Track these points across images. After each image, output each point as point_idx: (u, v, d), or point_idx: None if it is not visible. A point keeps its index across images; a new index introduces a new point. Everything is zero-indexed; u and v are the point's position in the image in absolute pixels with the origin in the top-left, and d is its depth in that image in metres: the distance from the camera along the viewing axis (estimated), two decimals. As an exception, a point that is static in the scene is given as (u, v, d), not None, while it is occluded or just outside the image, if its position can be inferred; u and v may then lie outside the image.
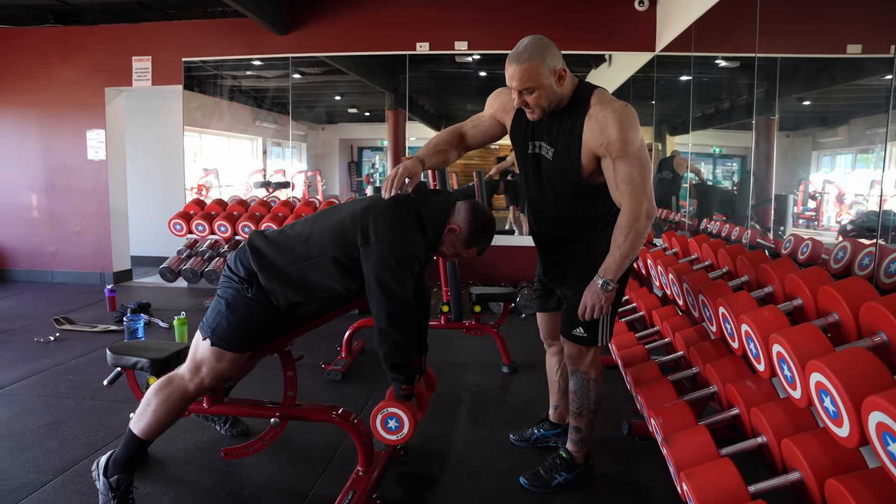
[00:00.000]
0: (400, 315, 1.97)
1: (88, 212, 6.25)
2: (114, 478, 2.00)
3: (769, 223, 3.65)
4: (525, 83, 1.91)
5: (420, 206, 2.08)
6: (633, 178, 1.89)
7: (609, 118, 1.90)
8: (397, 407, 2.05)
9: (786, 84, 3.35)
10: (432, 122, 6.22)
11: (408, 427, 2.06)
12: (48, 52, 6.14)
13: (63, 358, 3.78)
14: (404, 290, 1.96)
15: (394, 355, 2.02)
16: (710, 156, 4.99)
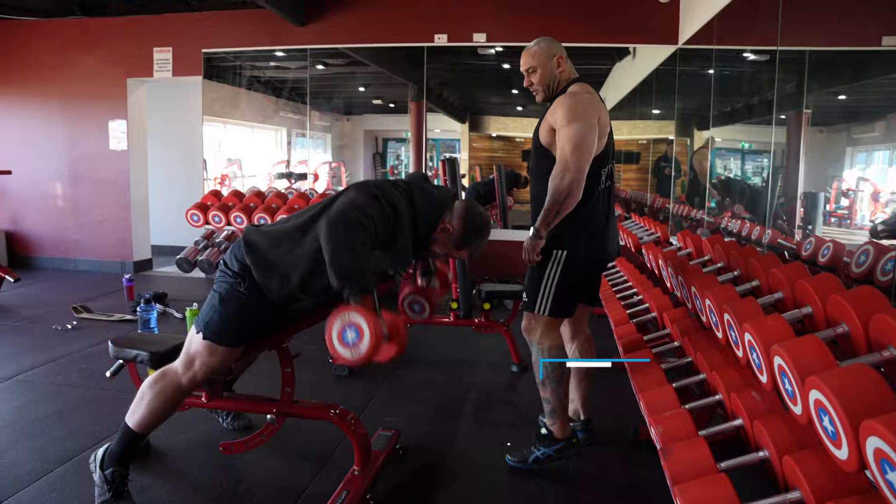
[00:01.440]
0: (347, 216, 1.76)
1: (110, 201, 6.33)
2: (109, 470, 2.01)
3: (796, 221, 3.54)
4: (529, 63, 2.37)
5: (414, 197, 2.01)
6: (563, 147, 2.19)
7: (564, 99, 2.26)
8: (359, 314, 1.65)
9: (815, 78, 3.24)
10: (457, 114, 6.18)
11: (367, 338, 1.64)
12: (72, 43, 6.22)
13: (78, 346, 3.83)
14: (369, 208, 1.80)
15: (339, 255, 1.73)
16: (739, 151, 4.87)
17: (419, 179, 2.09)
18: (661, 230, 4.07)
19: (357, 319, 1.65)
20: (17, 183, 6.37)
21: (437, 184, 2.35)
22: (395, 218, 1.90)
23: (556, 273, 2.30)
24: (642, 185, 5.93)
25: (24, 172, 6.29)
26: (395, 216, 1.90)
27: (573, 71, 2.42)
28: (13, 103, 6.48)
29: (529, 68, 2.37)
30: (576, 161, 2.16)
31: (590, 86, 2.36)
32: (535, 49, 2.36)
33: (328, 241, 1.74)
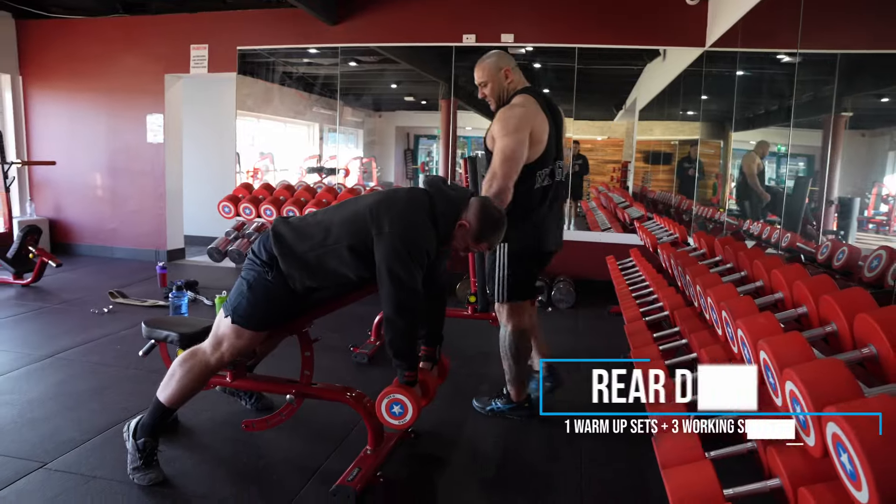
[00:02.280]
0: (406, 304, 2.06)
1: (146, 192, 6.58)
2: (140, 440, 2.17)
3: (826, 226, 3.53)
4: (481, 78, 2.68)
5: (434, 200, 2.15)
6: (495, 157, 2.52)
7: (503, 113, 2.58)
8: (402, 393, 2.15)
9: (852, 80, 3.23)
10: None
11: (411, 413, 2.15)
12: (114, 41, 6.47)
13: (113, 329, 4.04)
14: (412, 279, 2.04)
15: (398, 342, 2.12)
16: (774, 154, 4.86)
17: (437, 183, 2.21)
18: (680, 231, 4.12)
19: (402, 398, 2.15)
20: (60, 174, 6.66)
21: (454, 185, 2.46)
22: (429, 258, 2.14)
23: (504, 264, 2.69)
24: (671, 187, 5.94)
25: (67, 164, 6.57)
26: (430, 257, 2.14)
27: (522, 80, 2.73)
28: (61, 98, 6.77)
29: (481, 82, 2.68)
30: (503, 172, 2.49)
31: (534, 95, 2.66)
32: (486, 63, 2.67)
33: (389, 324, 2.10)
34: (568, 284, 5.26)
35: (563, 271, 5.60)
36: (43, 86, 6.78)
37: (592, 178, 6.02)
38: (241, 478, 2.28)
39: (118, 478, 2.19)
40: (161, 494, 2.13)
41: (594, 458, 2.49)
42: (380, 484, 2.22)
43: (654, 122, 5.91)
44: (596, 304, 5.13)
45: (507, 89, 2.68)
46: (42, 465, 2.26)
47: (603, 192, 6.10)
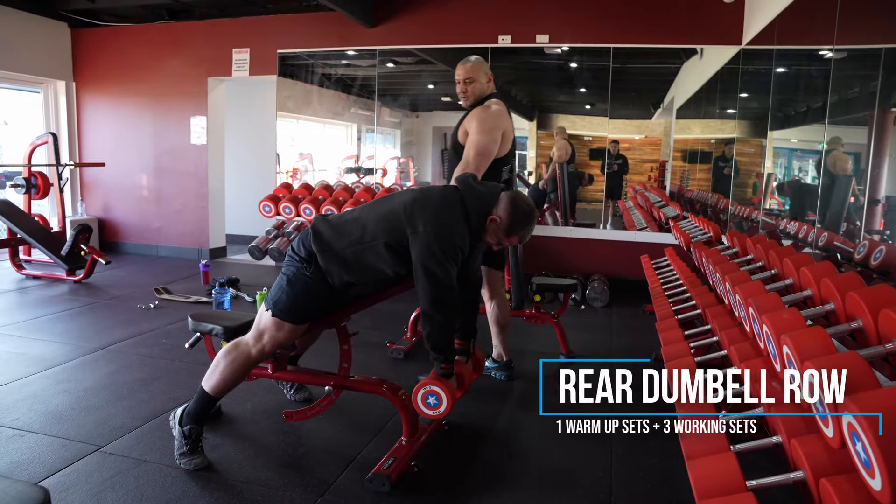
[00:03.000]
0: (443, 299, 2.14)
1: (189, 192, 6.80)
2: (187, 427, 2.29)
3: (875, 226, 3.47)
4: (469, 75, 2.97)
5: (465, 197, 2.22)
6: (469, 151, 2.86)
7: (480, 113, 2.92)
8: (437, 385, 2.24)
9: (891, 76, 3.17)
10: (525, 112, 6.28)
11: (446, 404, 2.24)
12: (160, 46, 6.71)
13: (159, 324, 4.21)
14: (447, 275, 2.12)
15: (435, 336, 2.20)
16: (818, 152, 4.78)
17: (468, 181, 2.28)
18: (714, 230, 4.10)
19: (437, 390, 2.24)
20: (109, 175, 6.94)
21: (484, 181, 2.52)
22: (463, 255, 2.22)
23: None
24: (709, 186, 5.89)
25: (115, 165, 6.84)
26: (463, 254, 2.22)
27: (493, 87, 3.10)
28: (110, 102, 7.05)
29: (468, 79, 2.97)
30: (475, 164, 2.83)
31: (502, 101, 3.03)
32: (475, 64, 2.99)
33: (427, 319, 2.19)
34: (602, 283, 5.27)
35: (598, 270, 5.61)
36: (94, 91, 7.07)
37: (630, 177, 6.00)
38: (282, 464, 2.38)
39: (166, 462, 2.32)
40: (206, 479, 2.24)
41: (623, 453, 2.53)
42: (414, 473, 2.29)
43: (691, 120, 5.86)
44: (630, 302, 5.13)
45: (484, 91, 3.01)
46: (98, 449, 2.41)
47: (640, 191, 6.08)
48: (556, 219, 6.08)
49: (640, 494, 2.28)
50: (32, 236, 5.36)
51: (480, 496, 2.23)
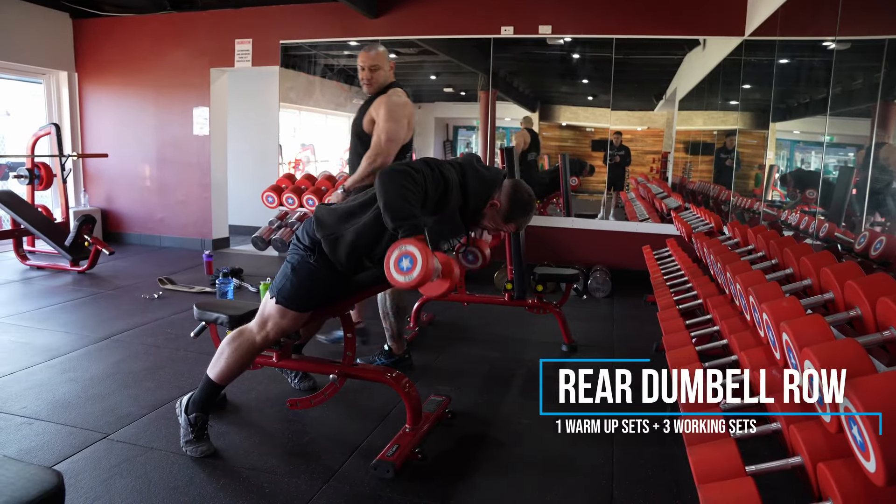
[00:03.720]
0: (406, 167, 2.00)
1: (192, 183, 6.82)
2: (192, 415, 2.32)
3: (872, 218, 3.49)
4: (375, 62, 3.07)
5: (467, 176, 2.20)
6: (380, 136, 3.01)
7: (387, 100, 3.04)
8: (410, 244, 1.88)
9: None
10: (527, 103, 6.27)
11: (420, 266, 1.86)
12: (163, 37, 6.71)
13: (163, 313, 4.24)
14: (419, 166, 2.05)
15: (393, 202, 1.95)
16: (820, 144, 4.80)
17: (471, 160, 2.29)
18: (715, 220, 4.12)
19: (411, 249, 1.87)
20: (112, 165, 6.96)
21: (488, 166, 2.53)
22: (445, 184, 2.10)
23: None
24: (711, 177, 5.89)
25: (118, 156, 6.86)
26: (445, 183, 2.10)
27: (393, 76, 3.22)
28: (112, 93, 7.06)
29: (373, 66, 3.06)
30: (387, 150, 3.01)
31: (404, 89, 3.20)
32: (381, 52, 3.09)
33: (381, 187, 1.98)
34: (604, 274, 5.29)
35: (600, 260, 5.63)
36: (96, 81, 7.08)
37: (632, 168, 6.01)
38: (287, 452, 2.41)
39: (173, 449, 2.35)
40: (212, 465, 2.27)
41: (624, 440, 2.55)
42: (418, 460, 2.32)
43: (694, 112, 5.85)
44: (632, 293, 5.16)
45: (387, 79, 3.14)
46: (105, 437, 2.43)
47: (642, 182, 6.09)
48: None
49: (641, 480, 2.31)
50: (36, 227, 5.38)
51: (484, 482, 2.25)
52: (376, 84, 3.11)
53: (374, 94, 3.13)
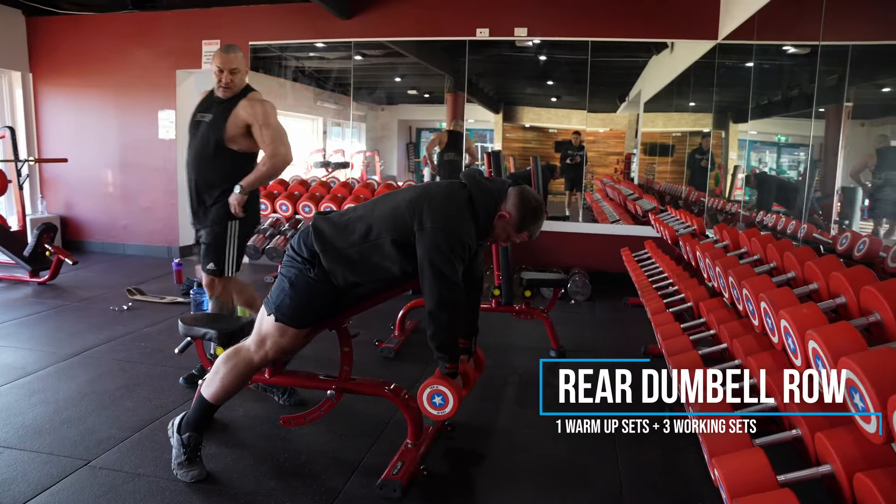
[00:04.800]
0: (449, 298, 2.08)
1: (158, 188, 6.57)
2: (185, 435, 2.19)
3: (833, 217, 3.56)
4: (235, 65, 2.93)
5: (472, 193, 2.16)
6: (274, 139, 2.93)
7: (260, 103, 2.96)
8: (443, 384, 2.16)
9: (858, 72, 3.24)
10: (491, 104, 6.25)
11: (452, 404, 2.17)
12: (125, 37, 6.45)
13: (135, 326, 4.05)
14: (454, 273, 2.06)
15: (440, 335, 2.13)
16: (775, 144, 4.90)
17: (474, 176, 2.22)
18: (698, 223, 4.14)
19: (444, 390, 2.17)
20: (71, 170, 6.62)
21: (492, 178, 2.47)
22: (470, 251, 2.15)
23: (234, 241, 3.01)
24: (676, 178, 5.96)
25: (78, 160, 6.52)
26: (470, 251, 2.15)
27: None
28: (71, 95, 6.74)
29: (234, 68, 2.92)
30: (286, 151, 2.97)
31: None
32: (239, 55, 2.97)
33: (432, 318, 2.11)
34: (583, 277, 5.28)
35: (577, 263, 5.63)
36: (53, 83, 6.75)
37: (595, 170, 6.03)
38: (284, 473, 2.30)
39: (162, 475, 2.21)
40: (206, 491, 2.15)
41: (627, 445, 2.52)
42: (424, 476, 2.24)
43: (660, 114, 5.91)
44: (612, 295, 5.16)
45: (244, 82, 3.04)
46: (86, 463, 2.28)
47: (609, 184, 6.12)
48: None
49: (650, 485, 2.28)
50: (-9, 236, 5.11)
51: (494, 496, 2.20)
52: (235, 87, 2.96)
53: (229, 98, 2.96)
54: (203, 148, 2.97)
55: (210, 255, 3.02)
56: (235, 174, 2.96)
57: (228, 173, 2.97)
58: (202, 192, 3.00)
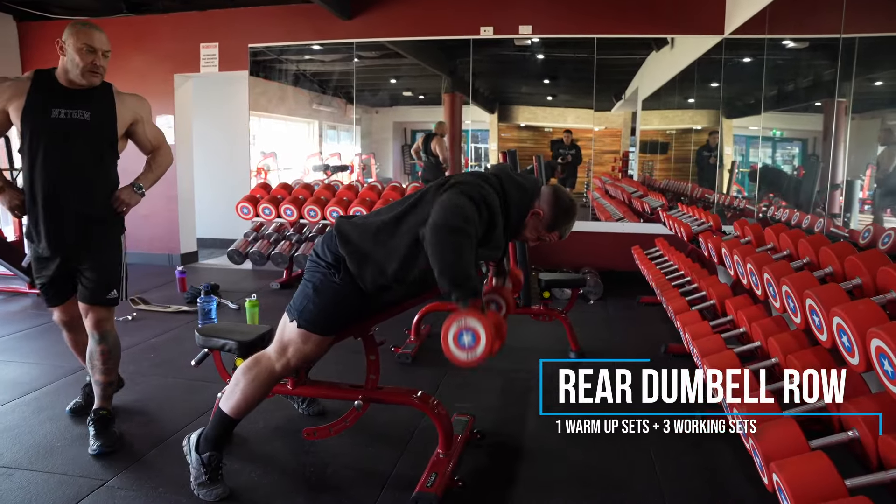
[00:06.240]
0: (457, 225, 1.81)
1: (157, 195, 6.36)
2: (206, 455, 2.08)
3: (836, 209, 3.51)
4: (109, 47, 2.47)
5: (506, 188, 2.05)
6: (161, 135, 2.71)
7: (141, 100, 2.63)
8: (474, 318, 1.78)
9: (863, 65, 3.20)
10: (486, 104, 6.18)
11: (484, 341, 1.78)
12: (121, 42, 6.28)
13: (142, 337, 3.93)
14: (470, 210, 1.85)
15: (452, 266, 1.79)
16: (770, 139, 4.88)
17: (507, 170, 2.13)
18: (714, 219, 4.06)
19: (473, 324, 1.77)
20: (66, 178, 6.51)
21: (523, 173, 2.37)
22: (490, 217, 1.95)
23: (126, 257, 2.65)
24: (677, 176, 5.89)
25: (73, 168, 6.42)
26: (490, 215, 1.95)
27: None
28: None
29: (108, 52, 2.46)
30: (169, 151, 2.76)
31: None
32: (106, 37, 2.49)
33: (436, 249, 1.80)
34: (595, 276, 5.20)
35: (588, 263, 5.55)
36: (47, 90, 6.61)
37: (594, 168, 5.97)
38: (311, 487, 2.19)
39: (184, 493, 2.10)
40: (232, 510, 2.05)
41: (662, 453, 2.44)
42: (459, 488, 2.14)
43: (661, 111, 5.84)
44: (624, 294, 5.08)
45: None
46: (103, 483, 2.17)
47: (609, 182, 6.05)
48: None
49: (694, 493, 2.20)
50: (-13, 247, 4.98)
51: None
52: (103, 72, 2.43)
53: (94, 89, 2.44)
54: (84, 153, 2.40)
55: (109, 282, 2.51)
56: (114, 185, 2.55)
57: (113, 183, 2.55)
58: (86, 210, 2.42)
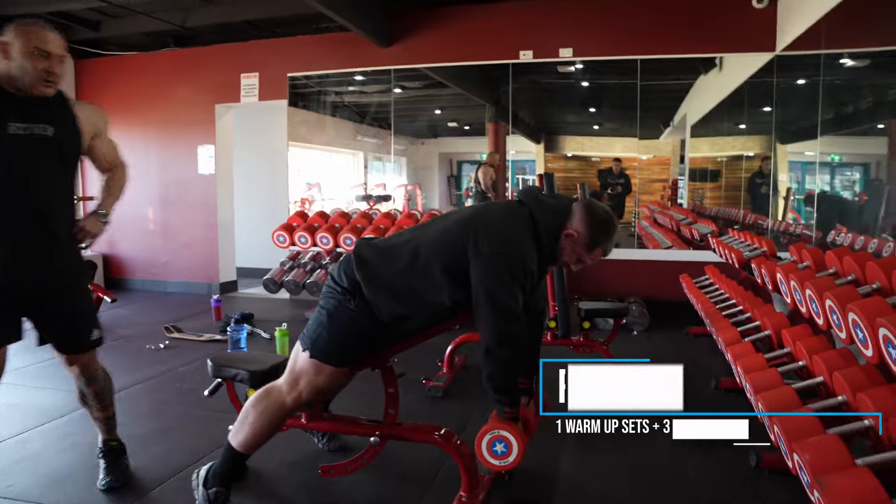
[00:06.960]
0: (508, 333, 1.84)
1: (197, 224, 6.52)
2: (212, 490, 1.97)
3: None
4: (63, 51, 2.09)
5: (533, 212, 1.92)
6: (116, 149, 2.47)
7: (98, 110, 2.37)
8: (506, 429, 1.91)
9: None
10: (532, 134, 6.07)
11: (516, 451, 1.92)
12: (166, 74, 6.50)
13: (172, 365, 3.89)
14: (515, 304, 1.82)
15: (499, 375, 1.89)
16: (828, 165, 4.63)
17: (534, 194, 1.98)
18: (768, 244, 3.80)
19: (506, 435, 1.91)
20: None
21: (552, 193, 2.22)
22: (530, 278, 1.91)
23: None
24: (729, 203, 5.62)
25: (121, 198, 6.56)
26: (530, 278, 1.91)
27: None
28: (114, 132, 6.61)
29: (63, 56, 2.09)
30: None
31: None
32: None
33: (492, 358, 1.86)
34: (640, 306, 4.95)
35: (632, 292, 5.30)
36: (99, 122, 6.84)
37: (641, 197, 5.76)
38: (325, 530, 2.05)
39: (191, 531, 1.98)
40: (238, 551, 1.91)
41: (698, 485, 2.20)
42: (484, 537, 1.96)
43: (710, 138, 5.61)
44: (670, 325, 4.80)
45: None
46: (111, 519, 2.07)
47: (657, 210, 5.83)
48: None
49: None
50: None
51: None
52: (59, 83, 2.11)
53: (49, 100, 2.10)
54: (51, 168, 2.11)
55: (89, 320, 2.33)
56: (72, 203, 2.31)
57: (72, 201, 2.31)
58: (54, 231, 2.17)
